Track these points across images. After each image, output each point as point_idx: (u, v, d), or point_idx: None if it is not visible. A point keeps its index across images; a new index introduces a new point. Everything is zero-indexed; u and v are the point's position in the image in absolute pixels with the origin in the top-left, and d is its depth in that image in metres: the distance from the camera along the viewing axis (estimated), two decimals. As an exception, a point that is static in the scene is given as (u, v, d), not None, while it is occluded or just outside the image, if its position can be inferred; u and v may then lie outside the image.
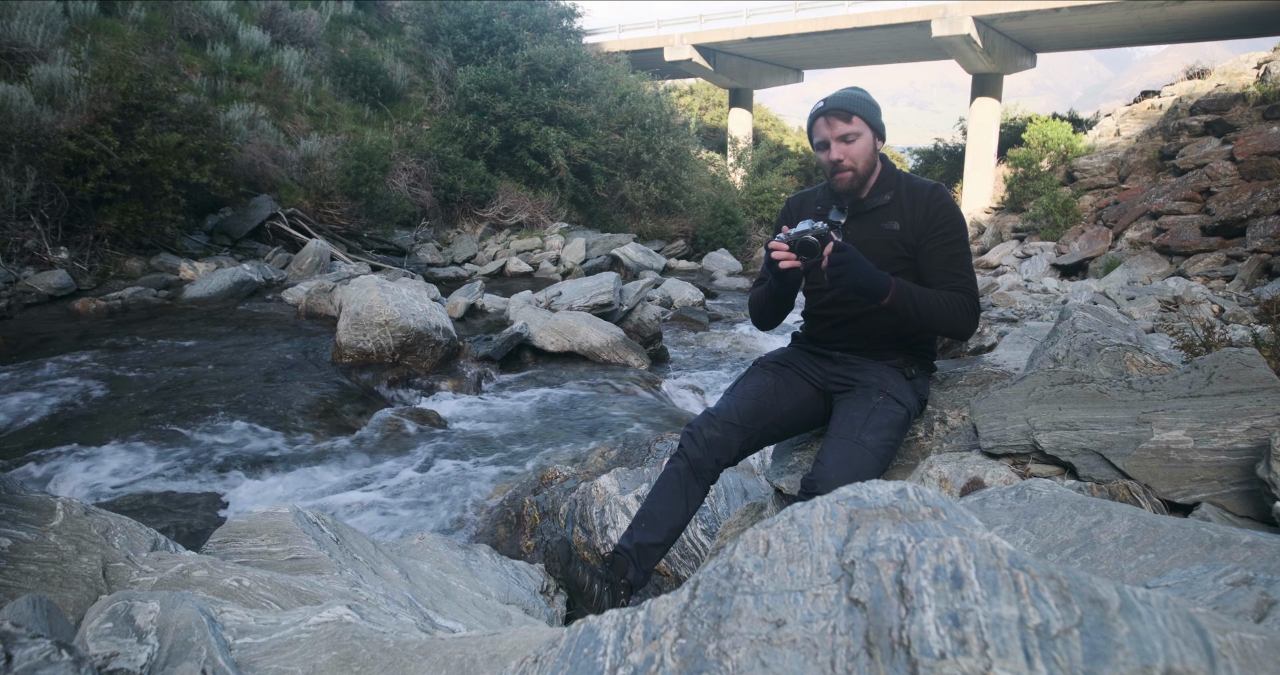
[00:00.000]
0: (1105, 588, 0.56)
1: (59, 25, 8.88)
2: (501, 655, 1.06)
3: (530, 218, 12.58)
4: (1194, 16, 17.03)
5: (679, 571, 2.53)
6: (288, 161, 10.15)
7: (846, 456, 1.77)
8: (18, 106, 7.11)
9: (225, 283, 7.36)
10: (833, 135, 1.91)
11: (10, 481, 1.33)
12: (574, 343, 5.94)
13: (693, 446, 1.98)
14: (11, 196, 6.89)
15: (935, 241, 1.92)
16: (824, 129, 1.93)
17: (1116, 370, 1.86)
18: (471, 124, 12.55)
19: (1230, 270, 9.50)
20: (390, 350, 5.24)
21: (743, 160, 17.76)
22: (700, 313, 8.47)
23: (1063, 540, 1.07)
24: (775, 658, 0.59)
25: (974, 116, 20.01)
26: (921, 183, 1.99)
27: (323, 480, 3.67)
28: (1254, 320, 4.95)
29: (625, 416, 4.73)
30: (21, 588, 1.15)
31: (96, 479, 3.48)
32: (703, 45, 22.74)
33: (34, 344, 5.42)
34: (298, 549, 1.45)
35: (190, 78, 10.12)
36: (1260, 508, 1.26)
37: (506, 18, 13.88)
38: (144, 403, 4.38)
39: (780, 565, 0.67)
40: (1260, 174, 11.07)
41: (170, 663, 0.95)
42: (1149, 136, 15.08)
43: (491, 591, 1.95)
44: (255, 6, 12.26)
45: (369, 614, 1.19)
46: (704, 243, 14.44)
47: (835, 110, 1.91)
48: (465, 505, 3.41)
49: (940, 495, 0.71)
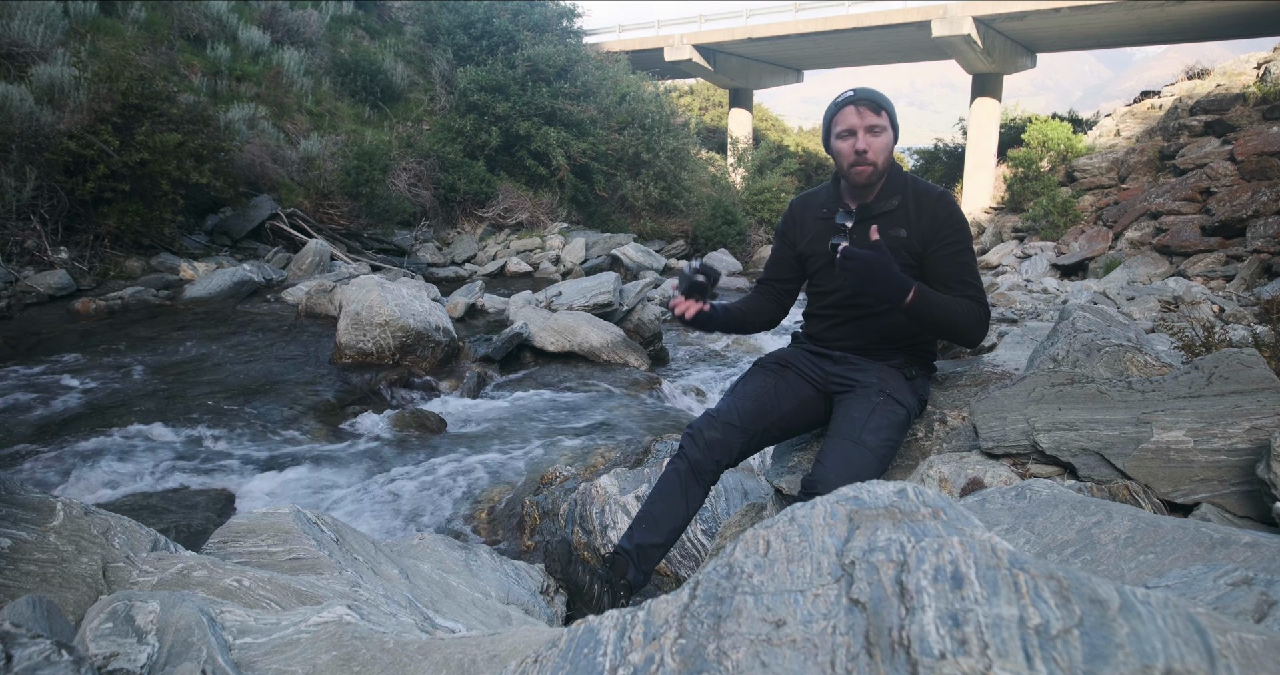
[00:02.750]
0: (1105, 588, 0.56)
1: (59, 25, 8.87)
2: (501, 655, 1.06)
3: (530, 218, 12.58)
4: (1194, 16, 17.02)
5: (679, 571, 2.53)
6: (288, 161, 10.15)
7: (846, 457, 1.77)
8: (18, 106, 7.11)
9: (225, 283, 7.35)
10: (861, 124, 1.88)
11: (10, 481, 1.33)
12: (574, 343, 5.94)
13: (693, 448, 1.98)
14: (11, 196, 6.89)
15: (943, 250, 1.90)
16: (853, 117, 1.88)
17: (1116, 370, 1.86)
18: (472, 124, 12.54)
19: (1230, 270, 9.50)
20: (390, 350, 5.24)
21: (743, 160, 17.75)
22: (700, 313, 8.45)
23: (1063, 540, 1.07)
24: (775, 658, 0.59)
25: (974, 116, 20.00)
26: (928, 188, 1.96)
27: (323, 480, 3.67)
28: (1254, 320, 4.95)
29: (625, 417, 4.74)
30: (21, 588, 1.15)
31: (96, 479, 3.48)
32: (703, 45, 22.74)
33: (34, 344, 5.42)
34: (298, 549, 1.45)
35: (190, 78, 10.12)
36: (1260, 508, 1.26)
37: (506, 18, 13.87)
38: (144, 403, 4.38)
39: (780, 565, 0.67)
40: (1260, 174, 11.06)
41: (170, 663, 0.95)
42: (1149, 136, 15.08)
43: (491, 591, 1.94)
44: (255, 6, 12.25)
45: (369, 614, 1.19)
46: (704, 243, 14.43)
47: (866, 100, 1.88)
48: (465, 505, 3.41)
49: (940, 495, 0.71)
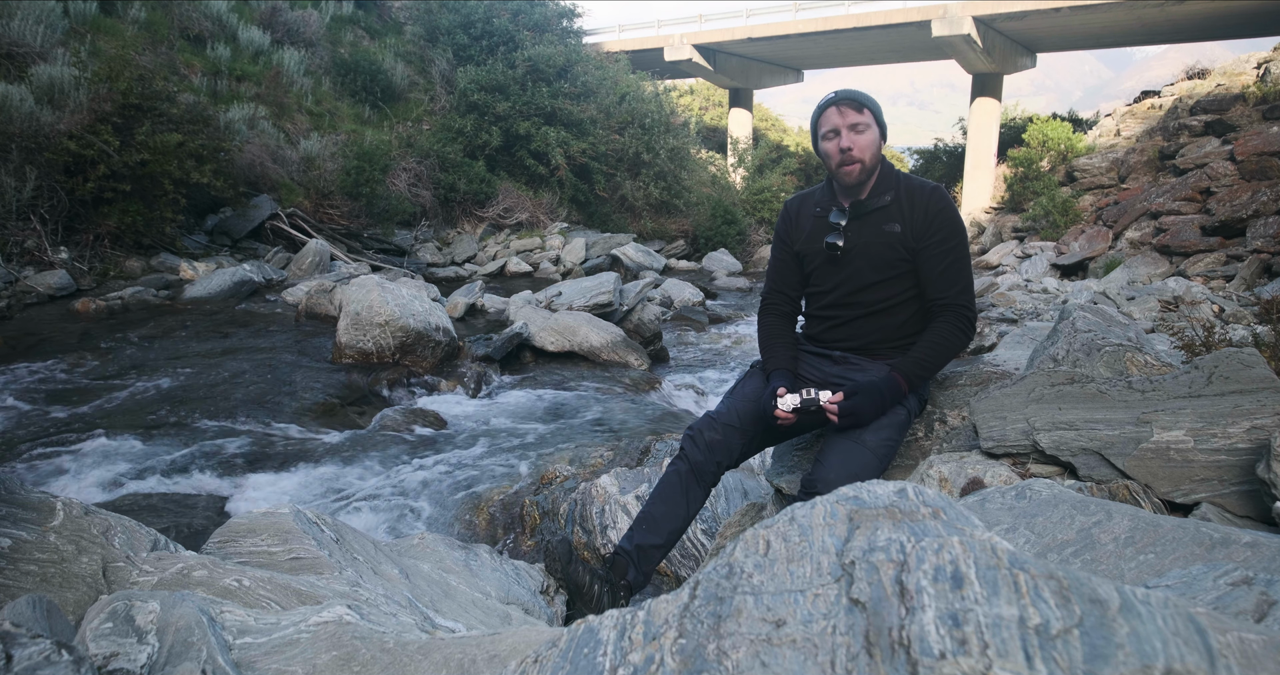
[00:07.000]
0: (1105, 588, 0.56)
1: (59, 25, 8.88)
2: (501, 655, 1.06)
3: (530, 218, 12.58)
4: (1194, 16, 17.02)
5: (679, 571, 2.53)
6: (288, 161, 10.15)
7: (846, 456, 1.78)
8: (18, 106, 7.11)
9: (225, 283, 7.36)
10: (844, 123, 1.92)
11: (10, 481, 1.33)
12: (574, 343, 5.93)
13: (694, 449, 1.99)
14: (11, 196, 6.89)
15: (934, 248, 1.92)
16: (835, 117, 1.93)
17: (1116, 370, 1.86)
18: (472, 124, 12.55)
19: (1230, 270, 9.50)
20: (390, 350, 5.24)
21: (743, 160, 17.74)
22: (700, 313, 8.47)
23: (1063, 540, 1.07)
24: (775, 658, 0.59)
25: (974, 116, 20.00)
26: (921, 184, 1.98)
27: (323, 480, 3.67)
28: (1254, 320, 4.95)
29: (625, 417, 4.73)
30: (21, 588, 1.15)
31: (96, 479, 3.48)
32: (703, 45, 22.73)
33: (34, 344, 5.42)
34: (298, 549, 1.45)
35: (190, 78, 10.12)
36: (1260, 508, 1.26)
37: (506, 18, 13.87)
38: (144, 403, 4.38)
39: (780, 565, 0.67)
40: (1260, 174, 11.06)
41: (170, 663, 0.95)
42: (1149, 136, 15.08)
43: (491, 591, 1.94)
44: (255, 6, 12.25)
45: (369, 614, 1.19)
46: (704, 243, 14.43)
47: (847, 100, 1.93)
48: (465, 505, 3.41)
49: (940, 495, 0.71)
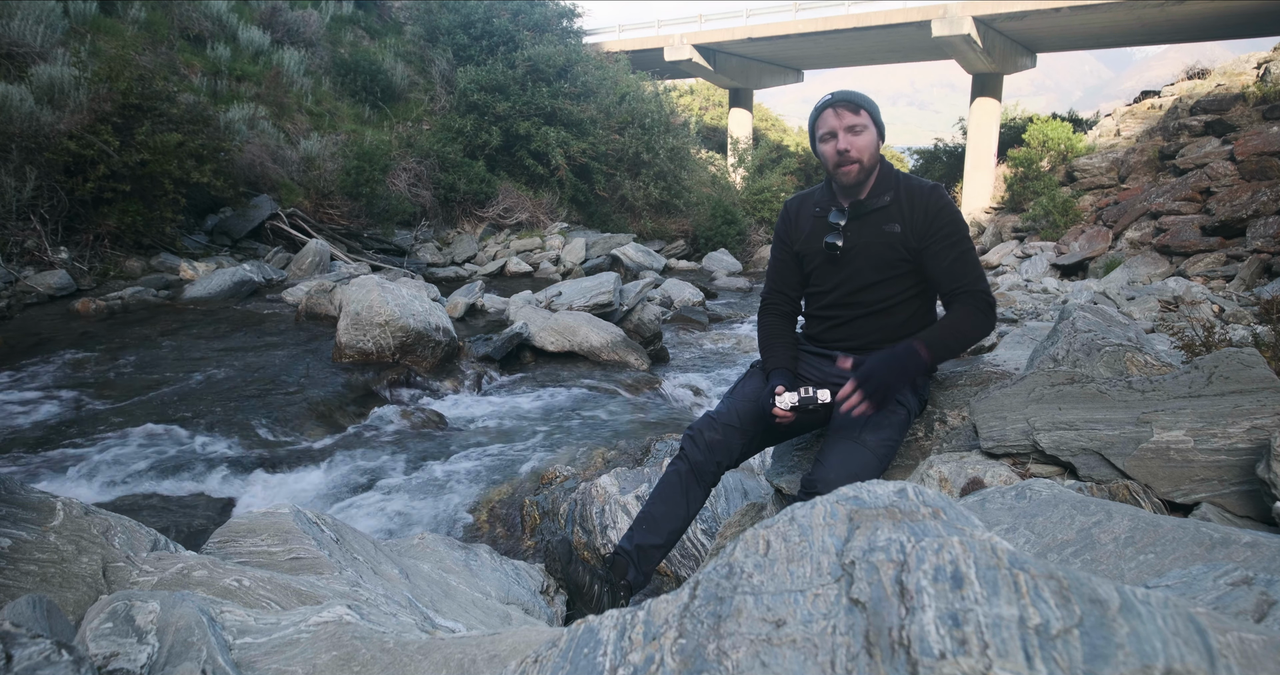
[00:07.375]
0: (1105, 588, 0.56)
1: (59, 25, 8.87)
2: (501, 655, 1.06)
3: (530, 218, 12.58)
4: (1194, 16, 17.02)
5: (679, 571, 2.53)
6: (288, 161, 10.15)
7: (846, 456, 1.77)
8: (18, 106, 7.11)
9: (225, 283, 7.35)
10: (841, 125, 1.92)
11: (10, 481, 1.33)
12: (574, 343, 5.93)
13: (694, 449, 1.99)
14: (11, 196, 6.89)
15: (940, 243, 1.92)
16: (832, 119, 1.93)
17: (1116, 370, 1.86)
18: (472, 124, 12.54)
19: (1230, 270, 9.51)
20: (390, 350, 5.24)
21: (743, 160, 17.74)
22: (700, 313, 8.47)
23: (1063, 540, 1.07)
24: (775, 658, 0.59)
25: (974, 116, 20.01)
26: (920, 183, 1.98)
27: (323, 480, 3.67)
28: (1254, 320, 4.95)
29: (625, 417, 4.74)
30: (21, 588, 1.15)
31: (96, 479, 3.48)
32: (703, 45, 22.74)
33: (34, 344, 5.42)
34: (298, 549, 1.45)
35: (190, 78, 10.12)
36: (1260, 508, 1.26)
37: (506, 18, 13.87)
38: (144, 403, 4.38)
39: (780, 565, 0.67)
40: (1260, 174, 11.07)
41: (170, 663, 0.95)
42: (1149, 136, 15.08)
43: (491, 591, 1.94)
44: (255, 6, 12.25)
45: (369, 614, 1.19)
46: (704, 243, 14.43)
47: (843, 101, 1.93)
48: (465, 505, 3.41)
49: (940, 495, 0.71)
